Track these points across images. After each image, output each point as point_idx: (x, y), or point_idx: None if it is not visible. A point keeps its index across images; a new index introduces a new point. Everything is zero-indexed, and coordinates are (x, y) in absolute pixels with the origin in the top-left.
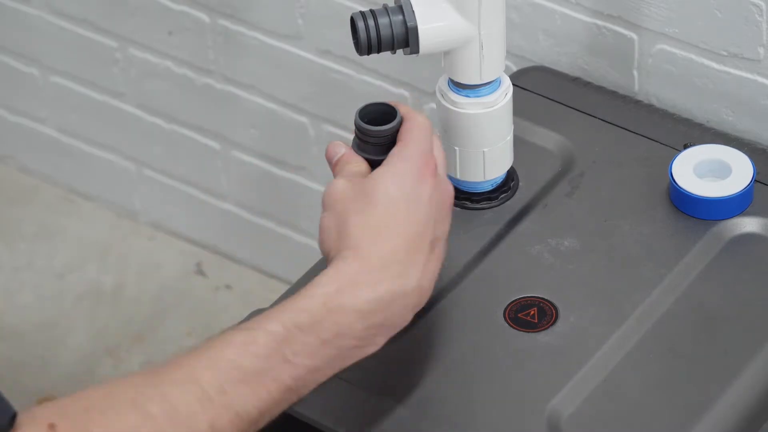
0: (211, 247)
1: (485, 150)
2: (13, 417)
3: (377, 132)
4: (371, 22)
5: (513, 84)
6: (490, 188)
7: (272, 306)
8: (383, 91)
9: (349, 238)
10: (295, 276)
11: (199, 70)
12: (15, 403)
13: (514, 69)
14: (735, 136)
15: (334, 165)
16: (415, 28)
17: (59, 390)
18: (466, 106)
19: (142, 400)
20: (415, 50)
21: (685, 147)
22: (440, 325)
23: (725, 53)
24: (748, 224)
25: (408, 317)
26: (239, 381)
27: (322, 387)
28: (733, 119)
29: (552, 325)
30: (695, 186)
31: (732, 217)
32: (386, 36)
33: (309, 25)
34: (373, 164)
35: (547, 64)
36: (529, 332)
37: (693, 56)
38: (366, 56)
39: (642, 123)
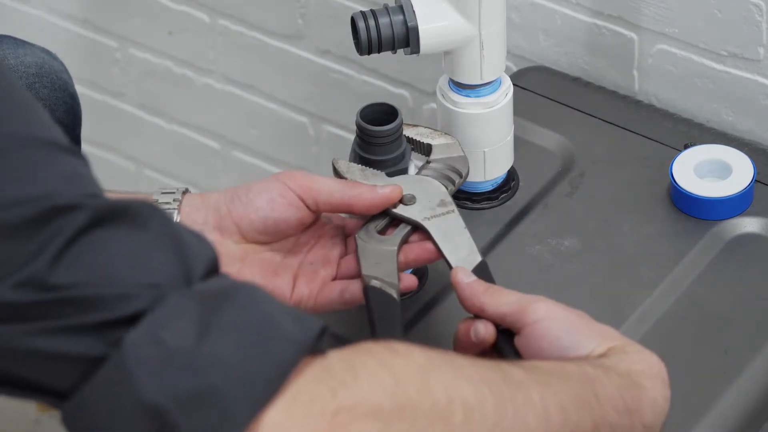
0: None
1: (486, 150)
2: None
3: (378, 132)
4: (372, 22)
5: (513, 84)
6: (490, 188)
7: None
8: (383, 91)
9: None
10: None
11: (199, 70)
12: (15, 402)
13: (515, 69)
14: (735, 136)
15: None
16: (416, 28)
17: None
18: (466, 106)
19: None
20: (416, 50)
21: (686, 147)
22: (440, 325)
23: (725, 53)
24: (748, 224)
25: None
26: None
27: None
28: (733, 119)
29: None
30: (695, 186)
31: (732, 217)
32: (387, 36)
33: (309, 25)
34: (374, 164)
35: (547, 64)
36: None
37: (693, 56)
38: (366, 56)
39: (642, 123)
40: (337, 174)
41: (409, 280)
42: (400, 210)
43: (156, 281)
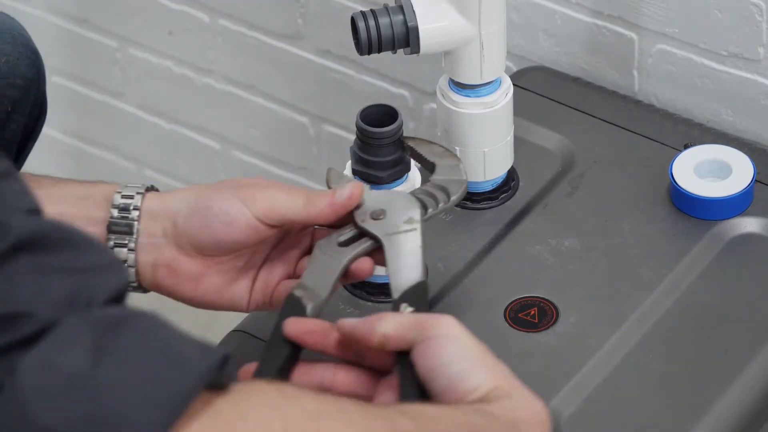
0: None
1: (486, 150)
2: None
3: (379, 133)
4: (372, 22)
5: (513, 84)
6: (490, 188)
7: None
8: (383, 91)
9: None
10: None
11: (199, 70)
12: None
13: (514, 69)
14: (735, 136)
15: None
16: (416, 28)
17: None
18: (466, 106)
19: None
20: (416, 50)
21: (686, 147)
22: None
23: (725, 53)
24: (748, 224)
25: None
26: None
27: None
28: (733, 119)
29: (552, 325)
30: (695, 186)
31: (732, 217)
32: (387, 36)
33: (309, 25)
34: (374, 165)
35: (547, 64)
36: (529, 332)
37: (693, 56)
38: (366, 56)
39: (642, 123)
40: (327, 184)
41: (363, 265)
42: (367, 224)
43: (49, 304)
